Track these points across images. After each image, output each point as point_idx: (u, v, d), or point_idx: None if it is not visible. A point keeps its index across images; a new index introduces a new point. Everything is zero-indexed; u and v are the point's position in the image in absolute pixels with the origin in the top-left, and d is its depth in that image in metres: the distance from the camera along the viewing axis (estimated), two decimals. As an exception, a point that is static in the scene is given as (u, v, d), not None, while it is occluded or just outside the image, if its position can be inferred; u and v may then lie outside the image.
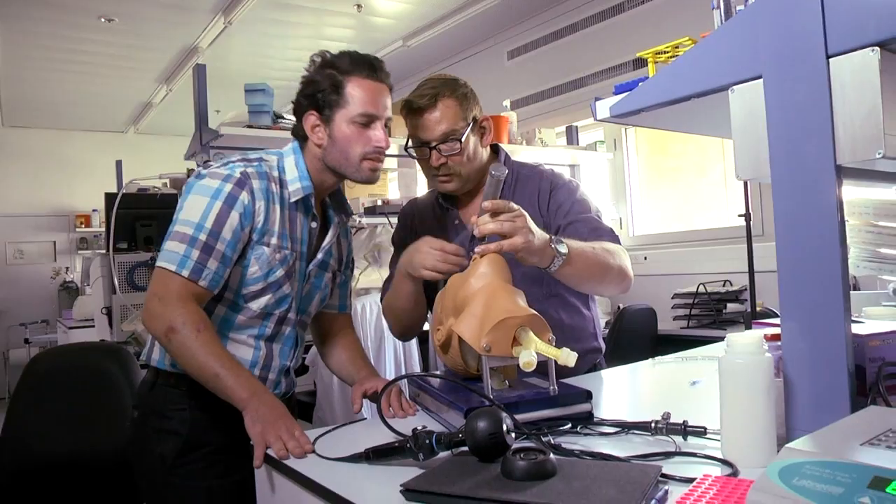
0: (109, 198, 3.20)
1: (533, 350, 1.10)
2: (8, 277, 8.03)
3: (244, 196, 1.38)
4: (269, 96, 3.04)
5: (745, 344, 0.92)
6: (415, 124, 1.61)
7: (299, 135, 1.50)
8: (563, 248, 1.37)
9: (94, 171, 7.83)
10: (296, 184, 1.46)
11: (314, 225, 1.52)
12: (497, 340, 1.11)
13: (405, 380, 1.65)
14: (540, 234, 1.34)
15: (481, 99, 1.68)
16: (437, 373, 1.35)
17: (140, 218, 3.32)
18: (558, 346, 1.12)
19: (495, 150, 1.77)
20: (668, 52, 1.16)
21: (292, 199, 1.46)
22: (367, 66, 1.44)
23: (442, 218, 1.75)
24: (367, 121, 1.43)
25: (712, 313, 3.96)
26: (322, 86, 1.43)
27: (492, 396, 1.11)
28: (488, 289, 1.20)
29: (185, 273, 1.33)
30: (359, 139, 1.44)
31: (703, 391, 1.45)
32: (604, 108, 1.23)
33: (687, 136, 4.71)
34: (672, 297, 4.09)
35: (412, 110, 1.61)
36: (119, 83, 6.63)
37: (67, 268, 8.13)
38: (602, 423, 1.15)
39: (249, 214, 1.39)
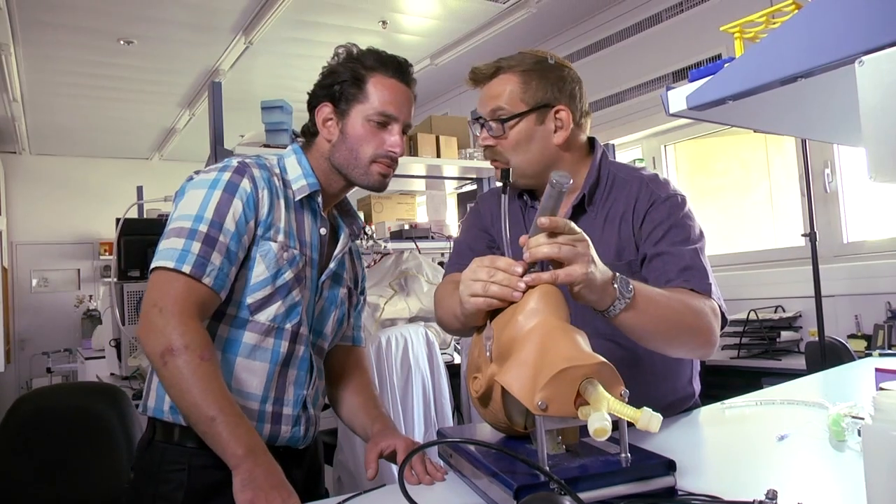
0: (119, 223, 3.01)
1: (605, 412, 0.84)
2: (32, 305, 8.03)
3: (245, 183, 1.26)
4: (287, 114, 2.84)
5: (905, 407, 0.67)
6: (478, 95, 1.43)
7: (308, 132, 1.39)
8: (627, 290, 1.11)
9: (119, 198, 7.68)
10: (300, 181, 1.34)
11: (323, 232, 1.38)
12: (556, 397, 0.86)
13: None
14: (603, 269, 1.09)
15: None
16: (479, 439, 1.09)
17: (152, 244, 3.11)
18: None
19: (591, 145, 1.51)
20: (760, 24, 0.91)
21: (297, 198, 1.33)
22: (393, 65, 1.35)
23: (519, 212, 1.49)
24: (385, 121, 1.33)
25: (765, 342, 3.67)
26: (342, 77, 1.34)
27: (547, 466, 0.86)
28: (542, 329, 0.94)
29: (187, 269, 1.16)
30: (372, 139, 1.32)
31: (795, 449, 1.19)
32: (678, 98, 0.98)
33: (730, 154, 4.45)
34: (721, 325, 3.79)
35: (472, 80, 1.43)
36: (141, 108, 6.55)
37: (91, 296, 8.08)
38: (688, 499, 0.89)
39: (253, 203, 1.25)
